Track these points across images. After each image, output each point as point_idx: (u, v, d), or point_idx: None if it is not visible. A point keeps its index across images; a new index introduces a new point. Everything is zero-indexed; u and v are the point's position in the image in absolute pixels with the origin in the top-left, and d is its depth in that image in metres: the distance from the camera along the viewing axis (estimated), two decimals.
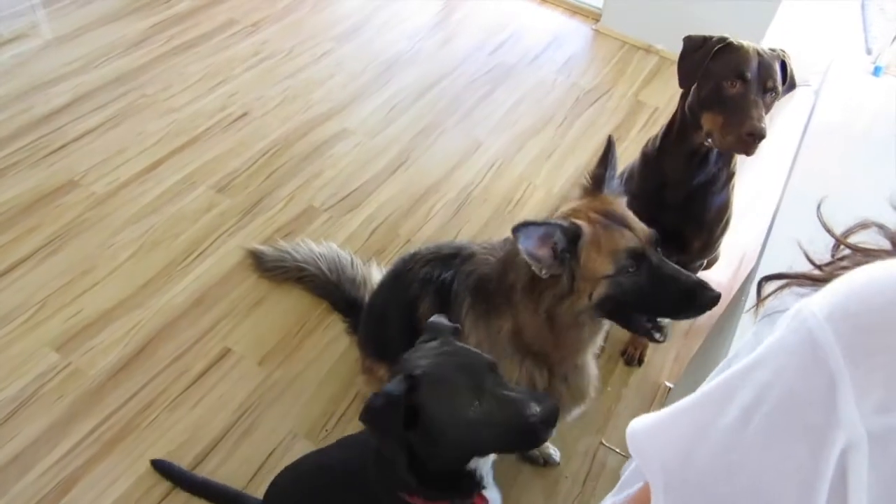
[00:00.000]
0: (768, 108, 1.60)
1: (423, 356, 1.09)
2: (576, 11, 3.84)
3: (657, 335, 1.26)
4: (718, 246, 1.98)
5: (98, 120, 2.79)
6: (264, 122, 2.88)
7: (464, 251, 1.47)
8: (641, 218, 1.83)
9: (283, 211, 2.51)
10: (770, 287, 0.65)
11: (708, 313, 2.28)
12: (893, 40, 2.25)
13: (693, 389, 1.57)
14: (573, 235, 1.16)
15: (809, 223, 1.20)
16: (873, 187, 1.35)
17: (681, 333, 2.29)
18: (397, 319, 1.58)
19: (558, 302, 1.21)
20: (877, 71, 1.72)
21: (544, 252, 1.16)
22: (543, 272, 1.18)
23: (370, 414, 1.04)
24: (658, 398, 2.08)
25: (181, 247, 2.34)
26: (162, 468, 1.76)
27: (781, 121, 3.06)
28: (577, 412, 1.50)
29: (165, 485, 1.75)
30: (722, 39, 1.63)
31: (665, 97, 3.25)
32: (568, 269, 1.18)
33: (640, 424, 0.58)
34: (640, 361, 2.17)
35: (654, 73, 3.40)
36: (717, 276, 2.46)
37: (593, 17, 3.77)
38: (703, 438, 0.51)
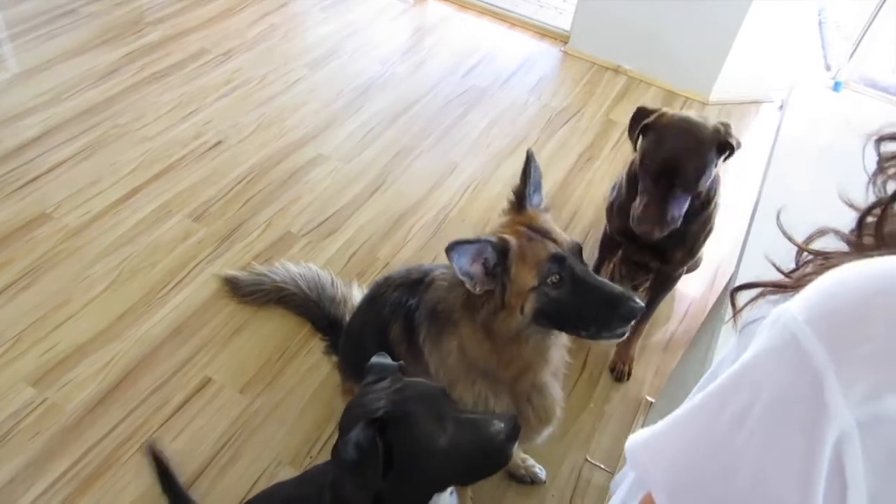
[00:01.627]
0: (675, 203, 1.70)
1: (377, 398, 1.07)
2: (545, 34, 3.92)
3: (607, 335, 1.26)
4: (698, 253, 2.02)
5: (70, 151, 2.76)
6: (239, 150, 2.87)
7: (427, 277, 1.47)
8: (623, 230, 1.88)
9: (260, 237, 2.51)
10: (743, 297, 0.67)
11: (686, 328, 2.35)
12: (850, 57, 2.33)
13: (674, 403, 1.60)
14: (502, 250, 1.19)
15: (780, 235, 1.25)
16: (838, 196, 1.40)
17: (659, 348, 2.32)
18: (373, 342, 1.58)
19: (493, 316, 1.23)
20: (837, 86, 1.79)
21: (476, 269, 1.19)
22: (477, 288, 1.21)
23: (344, 467, 1.01)
24: (640, 413, 2.10)
25: (158, 276, 2.32)
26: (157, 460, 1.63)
27: (751, 136, 3.14)
28: (546, 433, 1.50)
29: None
30: (658, 116, 1.71)
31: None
32: (500, 283, 1.21)
33: (638, 439, 0.60)
34: (629, 376, 2.19)
35: (623, 93, 3.47)
36: (693, 290, 2.51)
37: (562, 39, 3.85)
38: (701, 446, 0.54)
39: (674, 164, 1.64)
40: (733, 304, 0.68)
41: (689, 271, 2.23)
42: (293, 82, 3.31)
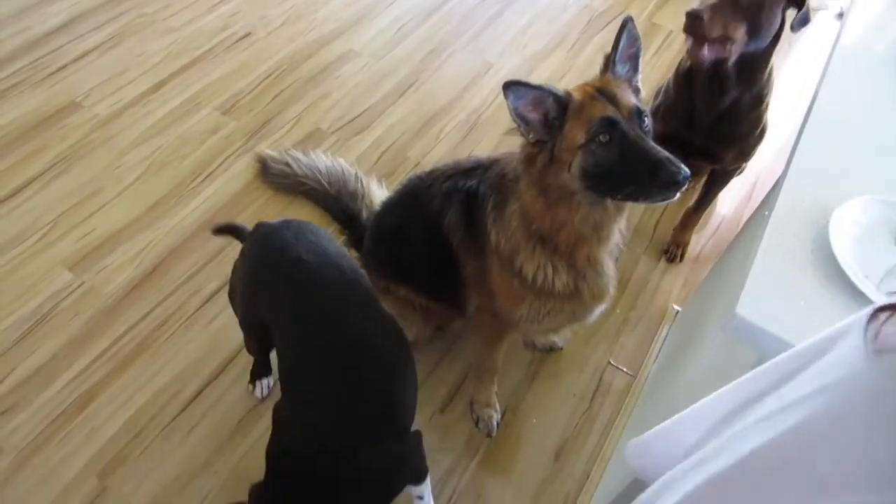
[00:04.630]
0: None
1: None
2: None
3: (648, 199, 1.25)
4: (753, 154, 1.97)
5: (97, 40, 2.72)
6: (268, 43, 2.80)
7: (485, 161, 1.47)
8: (672, 134, 1.81)
9: (289, 133, 2.48)
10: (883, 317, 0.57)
11: (717, 241, 2.32)
12: None
13: (701, 314, 1.58)
14: (563, 103, 1.19)
15: (834, 153, 1.19)
16: None
17: (689, 260, 2.30)
18: (418, 237, 1.58)
19: (546, 170, 1.24)
20: None
21: (535, 116, 1.19)
22: (531, 136, 1.22)
23: None
24: (665, 321, 2.10)
25: (188, 168, 2.32)
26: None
27: (805, 45, 2.98)
28: (598, 311, 1.52)
29: (182, 399, 1.80)
30: None
31: (680, 19, 3.14)
32: (554, 136, 1.21)
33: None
34: (682, 258, 2.27)
35: None
36: (725, 208, 2.46)
37: None
38: None
39: None
40: (871, 321, 0.55)
41: (735, 175, 2.19)
42: None
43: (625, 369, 1.98)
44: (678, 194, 1.19)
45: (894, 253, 1.01)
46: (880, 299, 0.57)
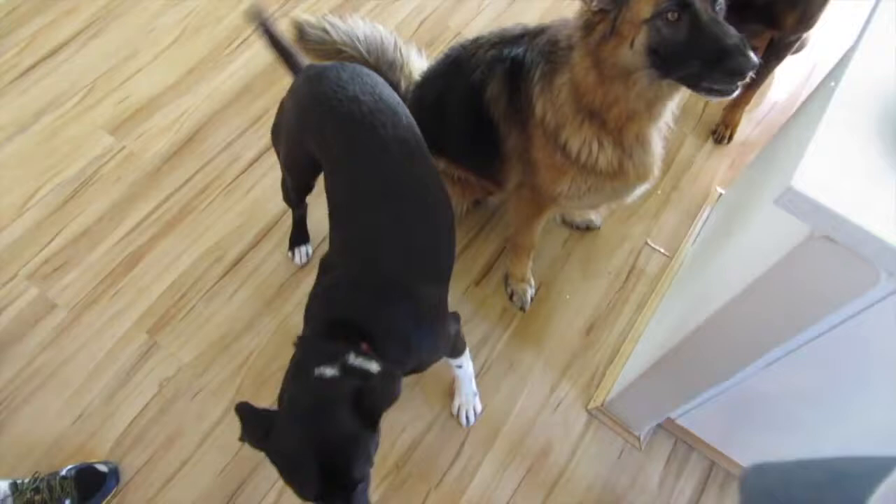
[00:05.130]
0: None
1: None
2: None
3: (718, 89, 1.18)
4: (816, 21, 1.82)
5: None
6: None
7: (533, 29, 1.39)
8: None
9: None
10: None
11: (765, 128, 2.21)
12: None
13: (745, 198, 1.52)
14: None
15: None
16: None
17: (736, 142, 2.21)
18: (460, 108, 1.53)
19: (605, 43, 1.17)
20: None
21: None
22: (594, 3, 1.15)
23: None
24: (707, 202, 2.06)
25: (224, 32, 2.26)
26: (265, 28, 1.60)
27: None
28: (641, 190, 1.49)
29: (225, 263, 1.85)
30: None
31: None
32: (619, 6, 1.13)
33: None
34: (730, 139, 2.20)
35: None
36: (778, 94, 2.33)
37: None
38: None
39: None
40: None
41: (795, 52, 2.04)
42: None
43: (662, 250, 1.97)
44: (739, 88, 1.13)
45: None
46: None
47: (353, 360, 1.05)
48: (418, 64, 2.05)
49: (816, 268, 0.99)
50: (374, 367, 1.06)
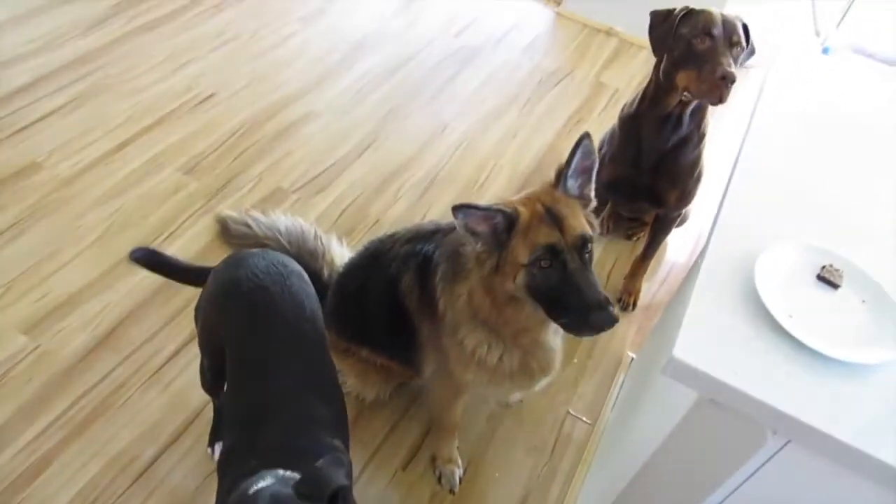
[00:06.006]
0: (735, 61, 1.72)
1: None
2: None
3: (576, 333, 1.33)
4: (693, 197, 2.08)
5: (60, 101, 2.74)
6: (231, 104, 2.86)
7: (445, 227, 1.52)
8: (619, 178, 1.92)
9: (251, 192, 2.52)
10: None
11: (668, 288, 2.40)
12: (840, 23, 2.33)
13: (650, 362, 1.65)
14: (510, 221, 1.23)
15: (757, 202, 1.27)
16: (822, 161, 1.43)
17: (641, 308, 2.37)
18: (378, 300, 1.62)
19: (492, 276, 1.29)
20: (825, 51, 1.80)
21: (484, 228, 1.24)
22: (479, 246, 1.27)
23: None
24: (621, 368, 2.16)
25: (149, 228, 2.34)
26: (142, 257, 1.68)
27: (736, 100, 3.15)
28: (543, 383, 1.56)
29: (138, 466, 1.77)
30: (685, 7, 1.77)
31: (625, 78, 3.32)
32: (501, 249, 1.25)
33: None
34: (634, 307, 2.36)
35: (614, 56, 3.47)
36: (674, 256, 2.56)
37: (555, 0, 3.82)
38: None
39: (730, 24, 1.72)
40: None
41: (678, 226, 2.30)
42: (286, 37, 3.28)
43: (584, 418, 2.02)
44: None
45: (815, 292, 1.09)
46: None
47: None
48: (339, 251, 2.16)
49: (708, 431, 1.06)
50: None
